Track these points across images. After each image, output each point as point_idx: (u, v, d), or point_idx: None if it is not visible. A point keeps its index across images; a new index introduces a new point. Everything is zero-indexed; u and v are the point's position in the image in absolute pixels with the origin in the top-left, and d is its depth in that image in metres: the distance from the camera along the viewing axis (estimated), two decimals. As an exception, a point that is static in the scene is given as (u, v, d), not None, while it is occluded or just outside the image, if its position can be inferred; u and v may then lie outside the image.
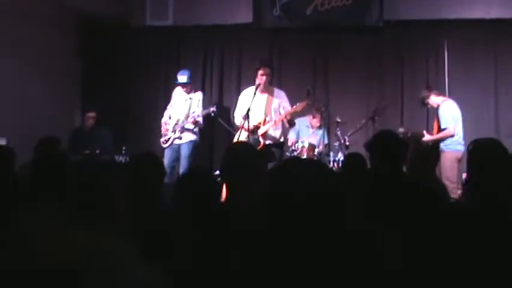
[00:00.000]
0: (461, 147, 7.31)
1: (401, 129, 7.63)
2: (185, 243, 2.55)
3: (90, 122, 8.65)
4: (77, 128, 8.89)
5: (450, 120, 7.43)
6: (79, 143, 8.15)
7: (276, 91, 7.71)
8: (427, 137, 7.50)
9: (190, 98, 8.36)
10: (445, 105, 7.56)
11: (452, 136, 7.41)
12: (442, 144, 7.40)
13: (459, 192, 6.58)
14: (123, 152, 8.26)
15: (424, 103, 7.81)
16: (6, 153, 4.21)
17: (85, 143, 8.19)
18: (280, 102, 7.62)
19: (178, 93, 8.48)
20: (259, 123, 7.42)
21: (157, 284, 1.76)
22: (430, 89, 7.90)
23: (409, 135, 7.49)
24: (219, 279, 2.15)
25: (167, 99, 8.77)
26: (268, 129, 7.46)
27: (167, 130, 8.34)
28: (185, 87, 8.34)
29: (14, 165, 4.25)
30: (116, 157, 8.10)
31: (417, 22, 8.87)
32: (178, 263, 2.42)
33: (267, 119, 7.49)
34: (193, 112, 8.30)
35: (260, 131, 7.42)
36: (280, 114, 7.54)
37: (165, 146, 8.29)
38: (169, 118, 8.47)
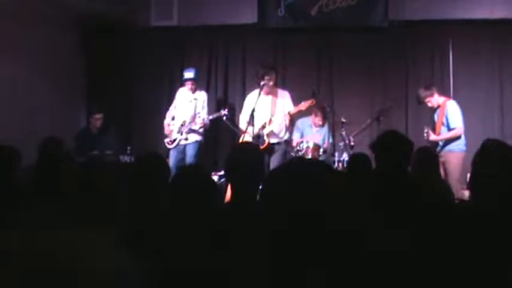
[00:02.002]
0: (465, 148, 7.29)
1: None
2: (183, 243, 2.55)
3: (97, 124, 8.60)
4: (83, 129, 8.85)
5: (459, 120, 7.36)
6: (86, 145, 8.11)
7: (280, 92, 7.84)
8: (433, 137, 7.44)
9: (195, 99, 8.40)
10: (453, 105, 7.47)
11: (460, 136, 7.34)
12: (451, 145, 7.32)
13: (465, 192, 6.54)
14: (128, 152, 8.26)
15: (423, 102, 7.60)
16: (11, 154, 4.21)
17: (92, 144, 8.17)
18: (284, 103, 7.73)
19: (182, 93, 8.52)
20: (265, 123, 7.56)
21: (146, 284, 1.75)
22: (433, 88, 7.67)
23: None
24: (219, 280, 2.15)
25: (172, 100, 8.79)
26: (274, 129, 7.59)
27: (171, 131, 8.38)
28: (192, 84, 8.37)
29: (18, 166, 4.25)
30: (121, 157, 8.10)
31: (422, 22, 8.84)
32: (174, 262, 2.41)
33: (273, 119, 7.61)
34: (199, 113, 8.33)
35: (265, 131, 7.56)
36: (284, 113, 7.64)
37: (170, 147, 8.33)
38: (173, 119, 8.49)
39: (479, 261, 2.45)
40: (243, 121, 7.83)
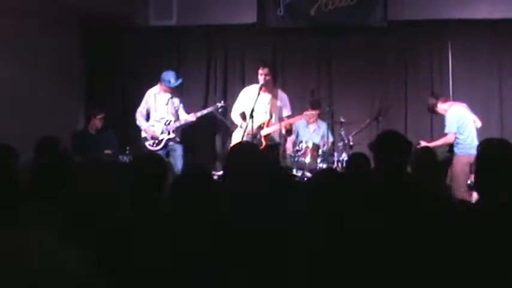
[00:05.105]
0: (474, 151, 7.21)
1: None
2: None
3: (99, 124, 8.51)
4: (81, 130, 8.80)
5: (453, 126, 7.41)
6: (84, 144, 8.07)
7: (280, 93, 7.67)
8: (423, 144, 7.35)
9: (171, 97, 8.29)
10: (452, 110, 7.52)
11: (451, 143, 7.41)
12: (455, 148, 7.36)
13: (470, 195, 6.52)
14: (127, 152, 8.23)
15: (433, 111, 7.81)
16: (8, 153, 4.20)
17: (91, 144, 8.12)
18: (282, 106, 7.58)
19: (156, 96, 8.35)
20: (263, 123, 7.39)
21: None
22: (436, 96, 7.87)
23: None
24: (219, 280, 2.14)
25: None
26: (270, 132, 7.44)
27: (154, 132, 8.22)
28: (172, 88, 8.27)
29: (16, 165, 4.24)
30: (120, 157, 8.08)
31: (421, 22, 8.85)
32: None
33: (272, 120, 7.46)
34: (177, 110, 8.24)
35: (263, 132, 7.38)
36: (281, 117, 7.52)
37: (156, 148, 8.17)
38: (148, 120, 8.33)
39: (478, 261, 2.44)
40: (236, 115, 7.65)
